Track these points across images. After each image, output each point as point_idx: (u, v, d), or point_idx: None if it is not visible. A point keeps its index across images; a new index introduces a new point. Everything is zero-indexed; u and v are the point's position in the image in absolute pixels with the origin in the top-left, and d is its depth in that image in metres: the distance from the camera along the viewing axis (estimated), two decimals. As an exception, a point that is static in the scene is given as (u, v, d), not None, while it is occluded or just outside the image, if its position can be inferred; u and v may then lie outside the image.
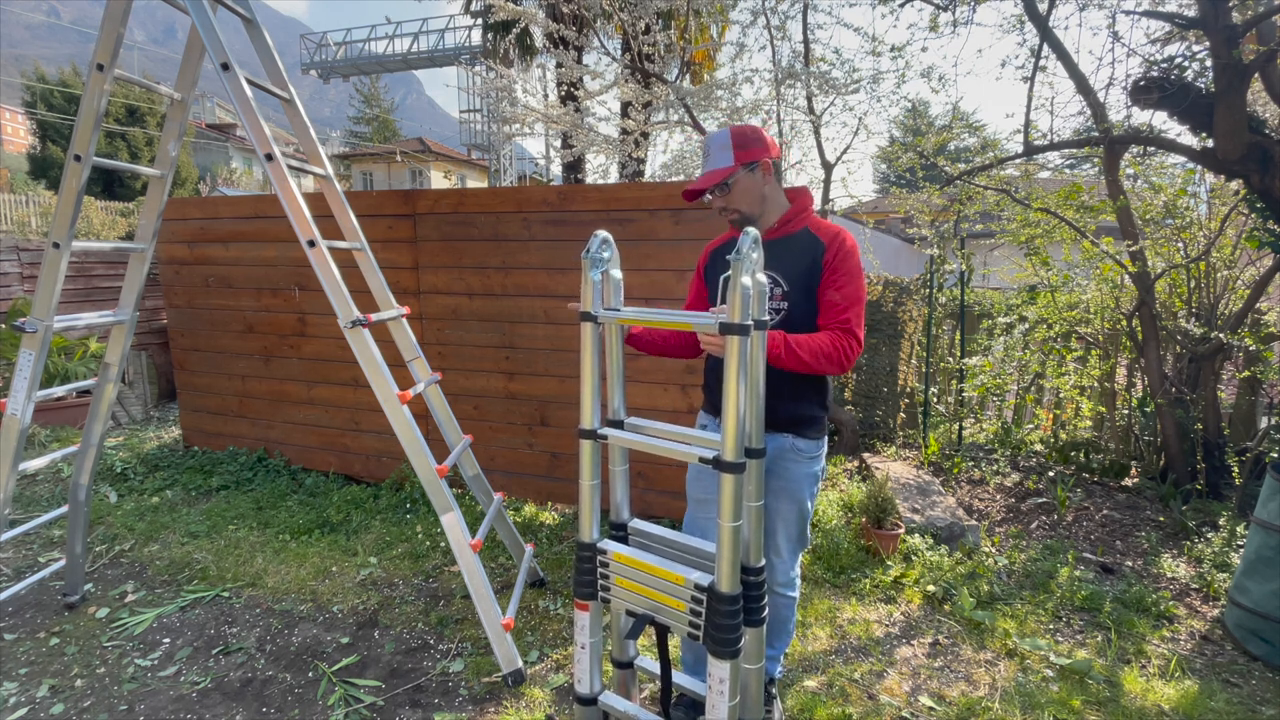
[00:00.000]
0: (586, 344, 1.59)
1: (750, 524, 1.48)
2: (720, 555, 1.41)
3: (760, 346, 1.44)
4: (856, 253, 1.82)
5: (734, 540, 1.40)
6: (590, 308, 1.59)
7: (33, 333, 2.37)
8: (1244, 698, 2.40)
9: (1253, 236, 3.86)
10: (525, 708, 2.26)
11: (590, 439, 1.61)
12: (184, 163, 22.13)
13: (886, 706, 2.30)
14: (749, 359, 1.40)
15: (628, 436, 1.60)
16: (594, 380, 1.60)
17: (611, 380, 1.68)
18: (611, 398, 1.69)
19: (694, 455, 1.45)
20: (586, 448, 1.62)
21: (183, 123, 2.62)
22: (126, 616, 2.78)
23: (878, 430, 5.38)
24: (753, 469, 1.46)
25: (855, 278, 1.78)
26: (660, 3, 5.60)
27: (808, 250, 1.82)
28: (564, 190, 3.71)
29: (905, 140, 6.46)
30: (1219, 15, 3.41)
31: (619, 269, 1.67)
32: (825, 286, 1.79)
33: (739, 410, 1.37)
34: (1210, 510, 3.78)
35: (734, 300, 1.35)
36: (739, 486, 1.39)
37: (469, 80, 20.02)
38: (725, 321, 1.36)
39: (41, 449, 4.90)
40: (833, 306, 1.76)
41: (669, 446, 1.51)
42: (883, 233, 14.29)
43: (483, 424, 4.01)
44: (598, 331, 1.60)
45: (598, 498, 1.64)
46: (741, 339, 1.36)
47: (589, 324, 1.58)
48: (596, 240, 1.61)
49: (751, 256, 1.35)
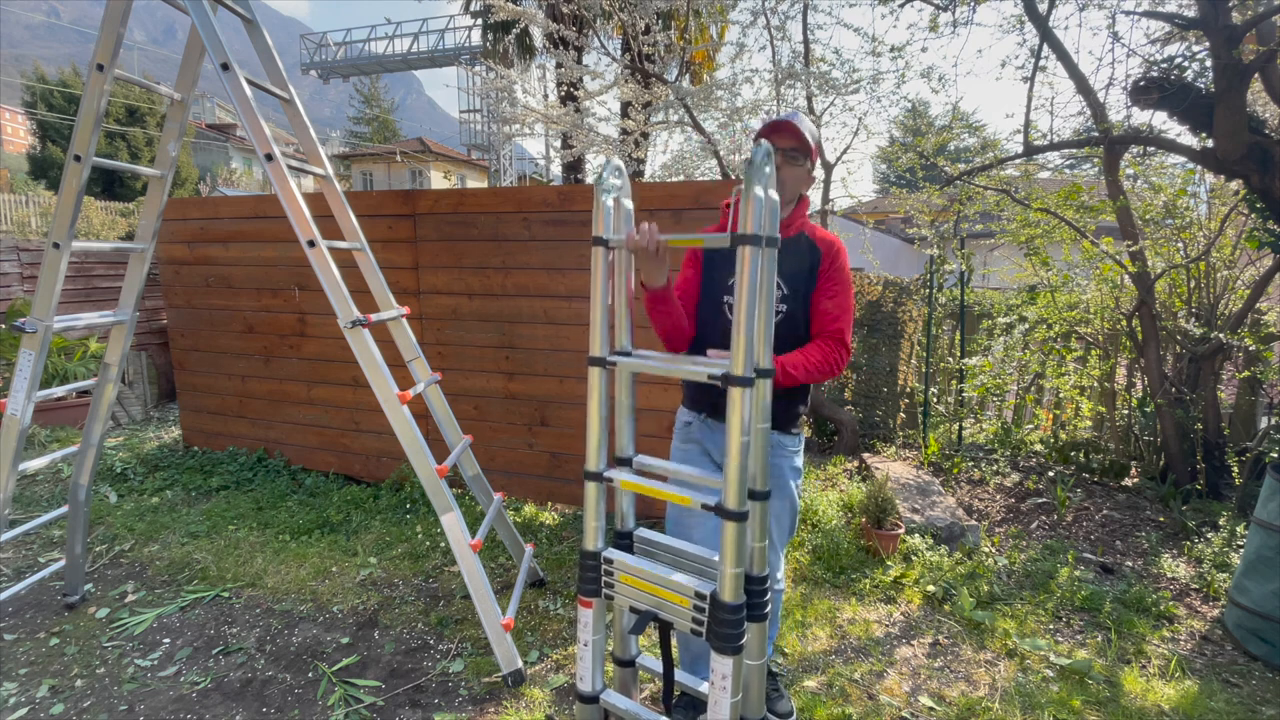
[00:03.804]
0: (594, 386, 1.56)
1: (754, 529, 1.46)
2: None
3: (766, 392, 1.42)
4: (849, 264, 1.91)
5: (735, 585, 1.40)
6: (601, 232, 1.55)
7: (33, 333, 2.37)
8: (1244, 698, 2.40)
9: (1253, 236, 3.86)
10: (525, 708, 2.26)
11: (596, 481, 1.59)
12: (184, 163, 22.13)
13: (886, 706, 2.30)
14: (754, 404, 1.38)
15: (633, 480, 1.56)
16: (601, 424, 1.58)
17: (620, 416, 1.65)
18: (620, 434, 1.65)
19: (695, 502, 1.43)
20: (592, 488, 1.60)
21: (183, 123, 2.61)
22: (126, 616, 2.78)
23: (878, 430, 5.38)
24: (756, 512, 1.44)
25: (848, 288, 1.88)
26: (660, 3, 5.60)
27: (805, 256, 1.88)
28: (564, 190, 3.71)
29: (905, 140, 6.47)
30: (1219, 15, 3.41)
31: (630, 199, 1.63)
32: (820, 295, 1.86)
33: (742, 455, 1.35)
34: (1210, 510, 3.78)
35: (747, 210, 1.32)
36: (742, 533, 1.38)
37: (469, 80, 20.05)
38: (729, 374, 1.36)
39: (41, 449, 4.90)
40: (826, 315, 1.85)
41: (669, 490, 1.50)
42: (883, 233, 14.29)
43: (483, 424, 4.01)
44: (606, 375, 1.57)
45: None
46: (745, 390, 1.34)
47: (597, 368, 1.56)
48: (609, 166, 1.56)
49: (765, 170, 1.34)
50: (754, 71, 5.85)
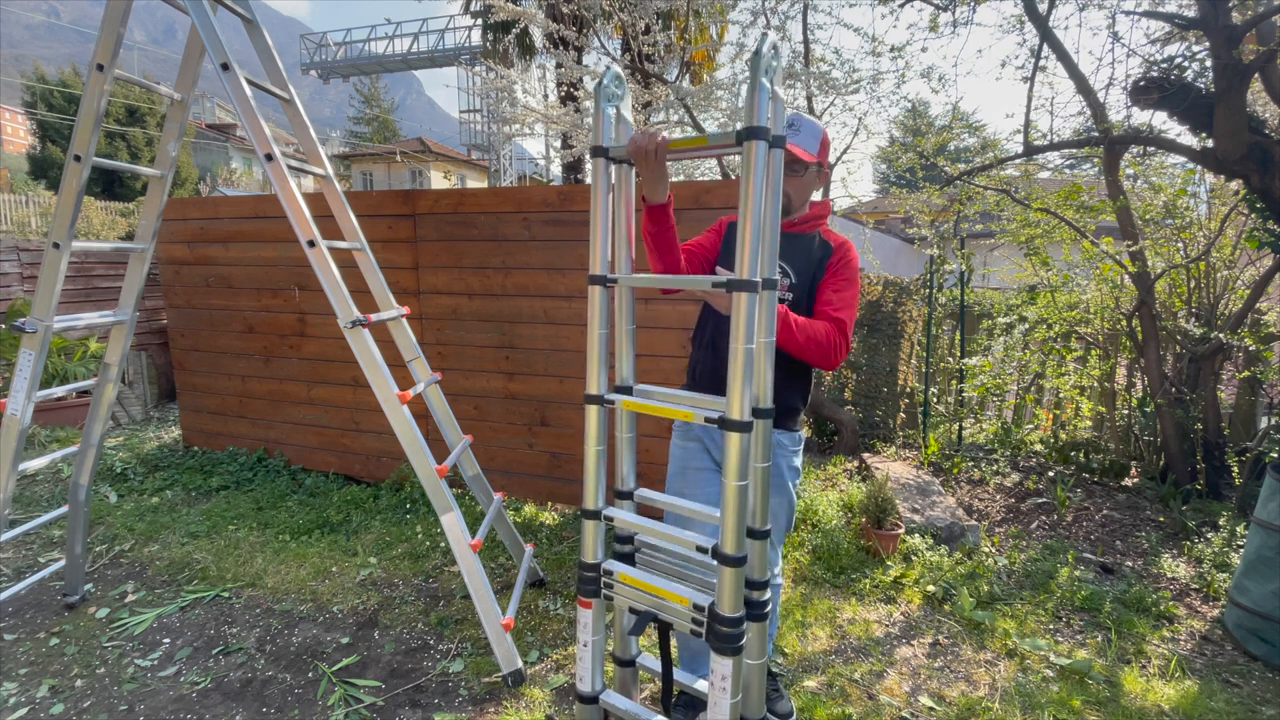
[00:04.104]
0: (595, 306, 1.54)
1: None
2: (725, 523, 1.37)
3: (770, 306, 1.38)
4: (858, 265, 1.95)
5: (739, 501, 1.35)
6: (601, 141, 1.51)
7: (33, 333, 2.37)
8: (1244, 698, 2.40)
9: (1253, 236, 3.86)
10: (525, 708, 2.26)
11: (598, 404, 1.57)
12: (184, 163, 22.13)
13: (886, 706, 2.30)
14: (757, 317, 1.34)
15: (636, 400, 1.55)
16: (601, 345, 1.56)
17: (620, 344, 1.64)
18: (620, 363, 1.64)
19: (698, 416, 1.39)
20: (593, 413, 1.58)
21: (183, 123, 2.61)
22: (126, 616, 2.78)
23: (878, 430, 5.38)
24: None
25: (853, 284, 1.91)
26: (660, 3, 5.60)
27: (817, 251, 1.95)
28: (564, 190, 3.71)
29: (905, 140, 6.47)
30: (1219, 15, 3.41)
31: (630, 109, 1.60)
32: (825, 286, 1.91)
33: (745, 365, 1.32)
34: (1210, 510, 3.78)
35: (753, 100, 1.28)
36: (745, 448, 1.34)
37: (469, 80, 20.04)
38: (733, 279, 1.32)
39: (41, 449, 4.90)
40: (829, 302, 1.88)
41: (671, 408, 1.47)
42: (883, 233, 14.28)
43: (483, 424, 4.01)
44: (607, 294, 1.56)
45: (603, 469, 1.62)
46: (750, 295, 1.30)
47: (598, 287, 1.55)
48: (609, 73, 1.52)
49: (770, 61, 1.28)
50: (754, 71, 5.84)
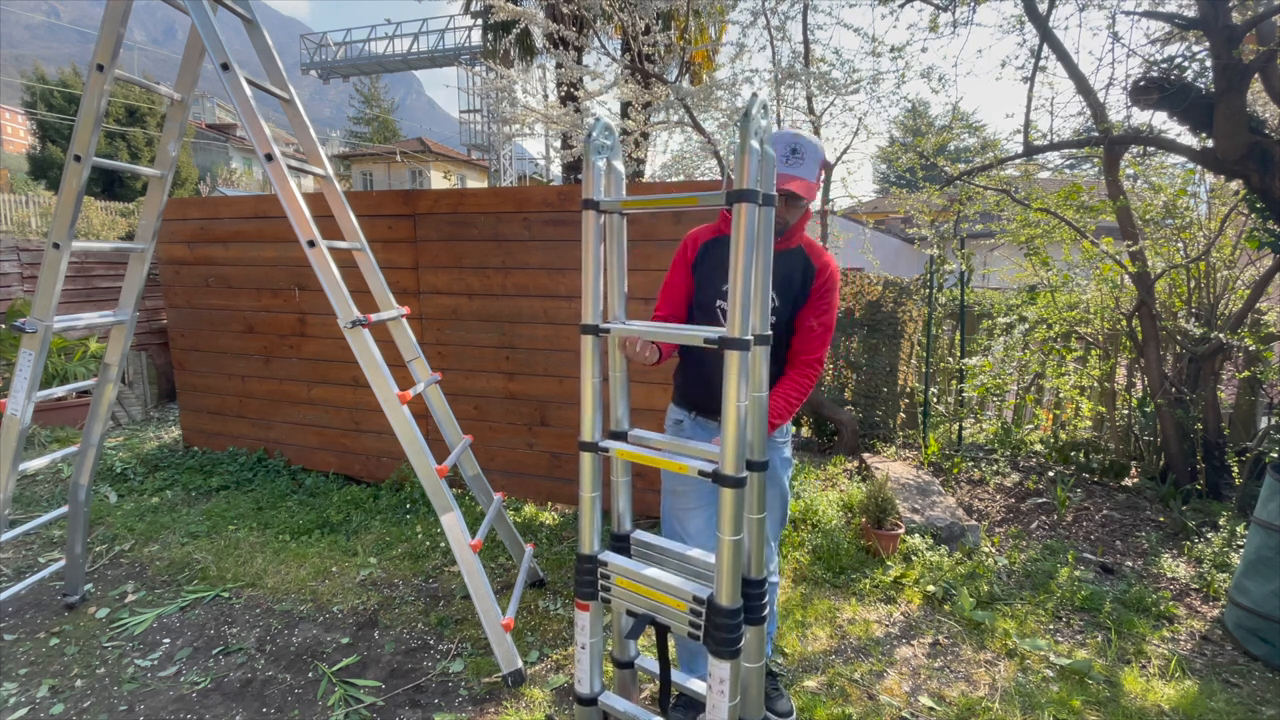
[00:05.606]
0: (587, 354, 1.57)
1: (751, 538, 1.46)
2: (720, 570, 1.39)
3: (763, 358, 1.40)
4: (839, 282, 1.95)
5: (734, 555, 1.38)
6: (592, 194, 1.53)
7: (33, 333, 2.37)
8: (1244, 698, 2.40)
9: (1253, 236, 3.86)
10: (525, 708, 2.26)
11: (591, 451, 1.59)
12: (184, 163, 22.13)
13: (886, 706, 2.30)
14: (750, 369, 1.36)
15: (629, 449, 1.56)
16: (595, 393, 1.58)
17: (615, 389, 1.65)
18: (615, 407, 1.65)
19: (691, 468, 1.41)
20: (587, 460, 1.60)
21: (183, 123, 2.62)
22: (126, 617, 2.78)
23: (878, 430, 5.38)
24: (754, 482, 1.42)
25: (834, 308, 1.92)
26: (660, 3, 5.59)
27: (801, 271, 1.89)
28: (564, 190, 3.71)
29: (905, 140, 6.47)
30: (1219, 15, 3.41)
31: (621, 161, 1.61)
32: (808, 313, 1.88)
33: (739, 421, 1.33)
34: (1210, 510, 3.78)
35: (743, 163, 1.29)
36: (739, 501, 1.36)
37: (469, 80, 20.03)
38: (725, 337, 1.34)
39: (41, 449, 4.90)
40: (810, 335, 1.88)
41: (665, 458, 1.49)
42: (883, 233, 14.29)
43: (483, 424, 4.01)
44: (599, 343, 1.58)
45: (598, 510, 1.63)
46: (742, 354, 1.32)
47: (590, 336, 1.56)
48: (598, 125, 1.53)
49: (760, 123, 1.29)
50: (754, 71, 5.87)
